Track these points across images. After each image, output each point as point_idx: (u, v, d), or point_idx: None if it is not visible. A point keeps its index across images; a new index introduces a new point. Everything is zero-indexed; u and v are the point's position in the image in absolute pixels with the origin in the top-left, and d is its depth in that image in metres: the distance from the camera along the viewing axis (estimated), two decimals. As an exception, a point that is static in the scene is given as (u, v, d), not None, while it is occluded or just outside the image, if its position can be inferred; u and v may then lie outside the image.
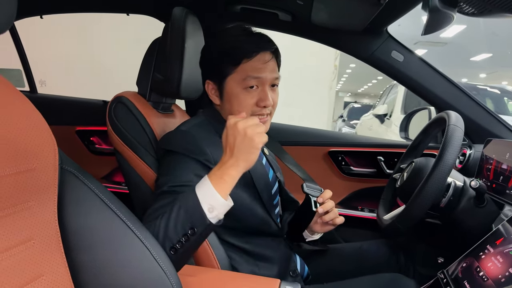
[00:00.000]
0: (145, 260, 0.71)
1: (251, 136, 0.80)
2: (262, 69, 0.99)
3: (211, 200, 0.78)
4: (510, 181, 1.06)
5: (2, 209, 0.55)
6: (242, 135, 0.80)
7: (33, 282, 0.58)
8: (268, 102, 1.00)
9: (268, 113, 1.04)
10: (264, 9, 1.42)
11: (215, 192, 0.78)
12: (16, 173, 0.57)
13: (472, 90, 4.33)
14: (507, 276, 0.72)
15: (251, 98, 1.00)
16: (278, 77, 1.04)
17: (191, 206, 0.78)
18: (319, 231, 1.16)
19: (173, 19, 1.15)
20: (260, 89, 1.00)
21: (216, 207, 0.78)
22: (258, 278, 0.93)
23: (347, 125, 10.71)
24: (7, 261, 0.55)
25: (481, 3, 0.78)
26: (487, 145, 1.24)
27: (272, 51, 1.02)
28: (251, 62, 0.98)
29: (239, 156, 0.80)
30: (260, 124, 0.84)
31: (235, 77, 0.99)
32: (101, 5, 1.73)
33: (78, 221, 0.66)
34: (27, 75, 2.16)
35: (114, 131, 1.10)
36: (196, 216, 0.77)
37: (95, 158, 2.10)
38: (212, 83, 1.05)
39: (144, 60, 1.24)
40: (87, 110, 2.12)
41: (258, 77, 0.99)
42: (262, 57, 0.99)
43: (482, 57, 11.43)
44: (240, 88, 1.00)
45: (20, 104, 0.61)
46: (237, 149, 0.80)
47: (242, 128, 0.80)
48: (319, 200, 1.08)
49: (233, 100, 1.01)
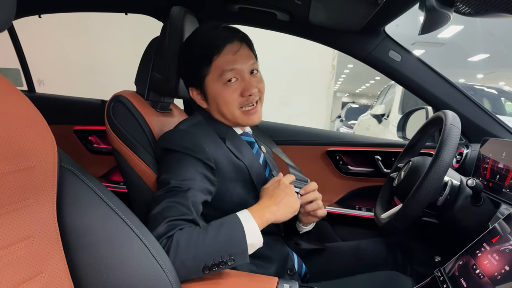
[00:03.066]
0: (144, 258, 0.71)
1: (297, 202, 0.99)
2: (235, 60, 1.01)
3: (252, 239, 0.88)
4: (506, 180, 1.07)
5: (2, 207, 0.55)
6: (291, 196, 0.97)
7: (32, 279, 0.58)
8: (252, 89, 1.02)
9: (257, 99, 1.06)
10: (262, 9, 1.42)
11: (258, 229, 0.89)
12: (16, 171, 0.57)
13: (469, 90, 4.35)
14: (503, 273, 0.73)
15: (234, 91, 1.02)
16: (254, 62, 1.05)
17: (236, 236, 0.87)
18: (305, 222, 1.17)
19: (171, 19, 1.16)
20: (240, 80, 1.02)
21: (254, 246, 0.89)
22: (256, 276, 0.93)
23: (345, 125, 10.74)
24: (7, 258, 0.55)
25: (478, 3, 0.79)
26: (484, 144, 1.25)
27: (239, 40, 1.03)
28: (222, 57, 1.00)
29: (282, 209, 0.95)
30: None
31: (212, 76, 1.02)
32: (99, 5, 1.73)
33: (76, 219, 0.66)
34: (25, 75, 2.17)
35: (112, 130, 1.10)
36: (238, 248, 0.86)
37: (93, 157, 2.10)
38: (194, 88, 1.07)
39: (142, 60, 1.24)
40: (85, 109, 2.12)
41: (233, 69, 1.01)
42: (231, 49, 1.01)
43: (480, 57, 11.48)
44: (220, 84, 1.01)
45: (19, 103, 0.61)
46: (284, 203, 0.95)
47: (293, 192, 0.99)
48: (301, 192, 1.09)
49: (218, 98, 1.03)
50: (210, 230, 0.85)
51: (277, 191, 0.97)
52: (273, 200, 0.95)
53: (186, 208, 0.88)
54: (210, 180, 0.99)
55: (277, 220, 0.94)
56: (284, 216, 0.95)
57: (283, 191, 0.97)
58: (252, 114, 1.05)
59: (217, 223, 0.88)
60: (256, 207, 0.93)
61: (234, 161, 1.05)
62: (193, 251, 0.82)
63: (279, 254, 1.13)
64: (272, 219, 0.93)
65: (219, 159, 1.01)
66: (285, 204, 0.95)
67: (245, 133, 1.16)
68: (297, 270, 1.16)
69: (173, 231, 0.83)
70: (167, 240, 0.82)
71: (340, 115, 12.72)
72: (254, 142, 1.18)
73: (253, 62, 1.05)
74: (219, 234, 0.85)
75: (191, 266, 0.82)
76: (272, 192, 0.97)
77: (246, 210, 0.92)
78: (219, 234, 0.85)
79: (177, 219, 0.86)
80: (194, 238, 0.83)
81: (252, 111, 1.05)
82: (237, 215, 0.90)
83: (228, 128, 1.10)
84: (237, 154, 1.07)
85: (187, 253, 0.81)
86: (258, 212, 0.92)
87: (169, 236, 0.82)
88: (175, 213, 0.86)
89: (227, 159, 1.04)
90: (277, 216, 0.94)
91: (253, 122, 1.08)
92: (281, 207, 0.94)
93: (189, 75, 1.07)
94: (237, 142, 1.10)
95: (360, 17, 1.24)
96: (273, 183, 1.01)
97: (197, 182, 0.94)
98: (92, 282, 0.67)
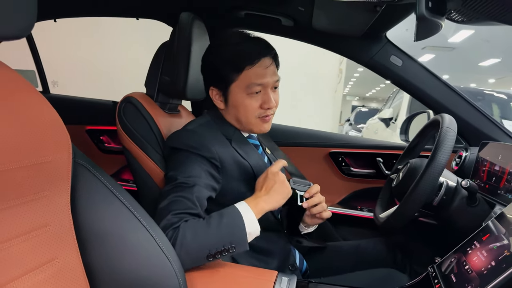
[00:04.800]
0: (151, 248, 0.76)
1: (287, 186, 1.03)
2: (264, 74, 1.04)
3: (251, 228, 0.94)
4: (501, 182, 1.10)
5: (22, 196, 0.61)
6: (280, 183, 1.01)
7: (47, 264, 0.63)
8: (272, 104, 1.07)
9: (272, 113, 1.10)
10: (267, 15, 1.46)
11: (255, 219, 0.95)
12: (34, 165, 0.62)
13: (478, 95, 4.36)
14: (489, 268, 0.76)
15: (256, 102, 1.06)
16: (278, 79, 1.09)
17: (237, 226, 0.92)
18: (310, 224, 1.21)
19: (180, 24, 1.20)
20: (262, 93, 1.06)
21: (252, 234, 0.95)
22: (257, 270, 0.97)
23: (353, 128, 10.68)
24: (26, 244, 0.60)
25: (468, 12, 0.83)
26: (482, 147, 1.28)
27: (272, 56, 1.06)
28: (254, 69, 1.02)
29: (273, 196, 1.00)
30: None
31: (239, 84, 1.04)
32: (112, 10, 1.79)
33: (89, 210, 0.71)
34: (40, 76, 2.22)
35: (123, 129, 1.15)
36: (238, 237, 0.92)
37: (104, 157, 2.16)
38: (216, 89, 1.09)
39: (152, 63, 1.29)
40: (97, 110, 2.17)
41: (262, 83, 1.04)
42: (264, 63, 1.04)
43: (491, 62, 11.35)
44: (245, 94, 1.05)
45: (38, 103, 0.66)
46: (274, 191, 1.00)
47: (283, 178, 1.02)
48: (306, 195, 1.13)
49: (239, 106, 1.07)
50: (212, 221, 0.90)
51: (267, 181, 1.02)
52: (264, 190, 1.01)
53: (191, 203, 0.93)
54: (215, 177, 1.03)
55: (272, 207, 1.00)
56: (278, 203, 1.01)
57: (272, 180, 1.02)
58: (267, 122, 1.10)
59: (218, 214, 0.93)
60: (251, 198, 0.99)
61: (239, 160, 1.09)
62: (198, 241, 0.87)
63: (281, 250, 1.17)
64: (266, 207, 0.98)
65: (224, 158, 1.06)
66: (275, 191, 1.00)
67: (250, 136, 1.21)
68: (298, 266, 1.19)
69: (179, 223, 0.88)
70: (173, 232, 0.87)
71: (349, 119, 12.67)
72: (259, 145, 1.23)
73: (277, 79, 1.08)
74: (221, 225, 0.90)
75: (195, 255, 0.87)
76: (262, 183, 1.03)
77: (243, 202, 0.97)
78: (221, 224, 0.90)
79: (183, 212, 0.91)
80: (198, 230, 0.88)
81: (266, 119, 1.10)
82: (235, 207, 0.95)
83: (235, 130, 1.14)
84: (243, 154, 1.11)
85: (192, 243, 0.86)
86: (253, 202, 0.97)
87: (175, 227, 0.87)
88: (181, 207, 0.92)
89: (232, 158, 1.08)
90: (271, 203, 0.99)
91: (265, 130, 1.12)
92: (272, 195, 1.00)
93: (214, 77, 1.09)
94: (243, 143, 1.14)
95: (360, 23, 1.27)
96: (263, 174, 1.05)
97: (202, 179, 0.99)
98: (102, 268, 0.72)
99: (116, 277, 0.73)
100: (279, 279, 0.91)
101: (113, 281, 0.72)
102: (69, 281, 0.66)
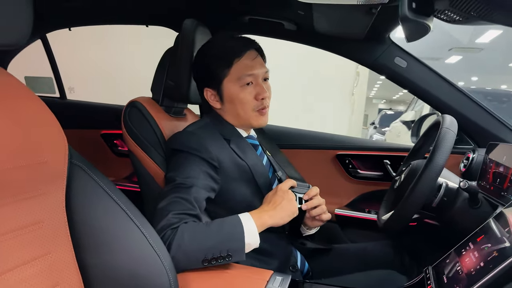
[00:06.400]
0: (142, 245, 0.78)
1: (294, 205, 1.05)
2: (253, 65, 1.09)
3: (250, 239, 0.95)
4: (505, 183, 1.08)
5: (17, 194, 0.65)
6: (288, 200, 1.04)
7: (41, 258, 0.67)
8: (265, 93, 1.11)
9: (267, 105, 1.14)
10: (270, 19, 1.49)
11: (256, 230, 0.96)
12: (30, 165, 0.66)
13: (504, 97, 4.23)
14: (478, 269, 0.75)
15: (249, 94, 1.10)
16: (267, 71, 1.14)
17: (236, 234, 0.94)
18: (311, 226, 1.22)
19: (184, 30, 1.23)
20: (254, 84, 1.10)
21: (251, 245, 0.96)
22: (252, 269, 0.98)
23: (378, 132, 10.51)
24: (19, 238, 0.64)
25: (457, 12, 0.82)
26: (489, 148, 1.25)
27: (256, 49, 1.12)
28: (242, 61, 1.08)
29: (279, 213, 1.02)
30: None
31: (230, 78, 1.09)
32: (123, 18, 1.86)
33: (83, 208, 0.75)
34: (57, 83, 2.29)
35: (128, 133, 1.20)
36: (236, 245, 0.92)
37: (118, 160, 2.21)
38: (210, 89, 1.14)
39: (158, 68, 1.33)
40: (111, 115, 2.24)
41: (252, 74, 1.09)
42: (250, 55, 1.10)
43: (522, 62, 10.97)
44: (238, 86, 1.09)
45: (35, 106, 0.70)
46: (280, 207, 1.03)
47: (291, 197, 1.06)
48: (304, 197, 1.14)
49: (235, 100, 1.11)
50: (213, 226, 0.93)
51: (275, 197, 1.05)
52: (271, 205, 1.03)
53: (190, 204, 0.96)
54: (213, 178, 1.06)
55: (276, 223, 1.01)
56: (283, 220, 1.03)
57: (281, 197, 1.04)
58: (264, 114, 1.14)
59: (219, 220, 0.96)
60: (256, 211, 1.01)
61: (237, 161, 1.12)
62: (195, 243, 0.89)
63: (282, 251, 1.18)
64: (270, 222, 1.00)
65: (223, 159, 1.08)
66: (282, 208, 1.02)
67: (250, 136, 1.23)
68: (299, 267, 1.20)
69: (178, 224, 0.90)
70: (171, 232, 0.89)
71: (374, 122, 12.50)
72: (258, 145, 1.25)
73: (267, 71, 1.14)
74: (220, 230, 0.92)
75: (192, 257, 0.89)
76: (271, 198, 1.06)
77: (247, 213, 0.99)
78: (221, 230, 0.92)
79: (182, 213, 0.93)
80: (197, 232, 0.90)
81: (263, 111, 1.13)
82: (238, 216, 0.97)
83: (234, 130, 1.17)
84: (240, 154, 1.13)
85: (190, 245, 0.88)
86: (257, 214, 0.99)
87: (173, 228, 0.90)
88: (179, 208, 0.94)
89: (230, 159, 1.10)
90: (275, 219, 1.01)
91: (263, 123, 1.15)
92: (278, 211, 1.02)
93: (206, 76, 1.13)
94: (241, 144, 1.16)
95: (360, 25, 1.27)
96: (273, 190, 1.08)
97: (200, 180, 1.01)
98: (95, 264, 0.75)
99: (108, 273, 0.76)
100: (272, 278, 0.91)
101: (105, 277, 0.76)
102: (61, 275, 0.69)
